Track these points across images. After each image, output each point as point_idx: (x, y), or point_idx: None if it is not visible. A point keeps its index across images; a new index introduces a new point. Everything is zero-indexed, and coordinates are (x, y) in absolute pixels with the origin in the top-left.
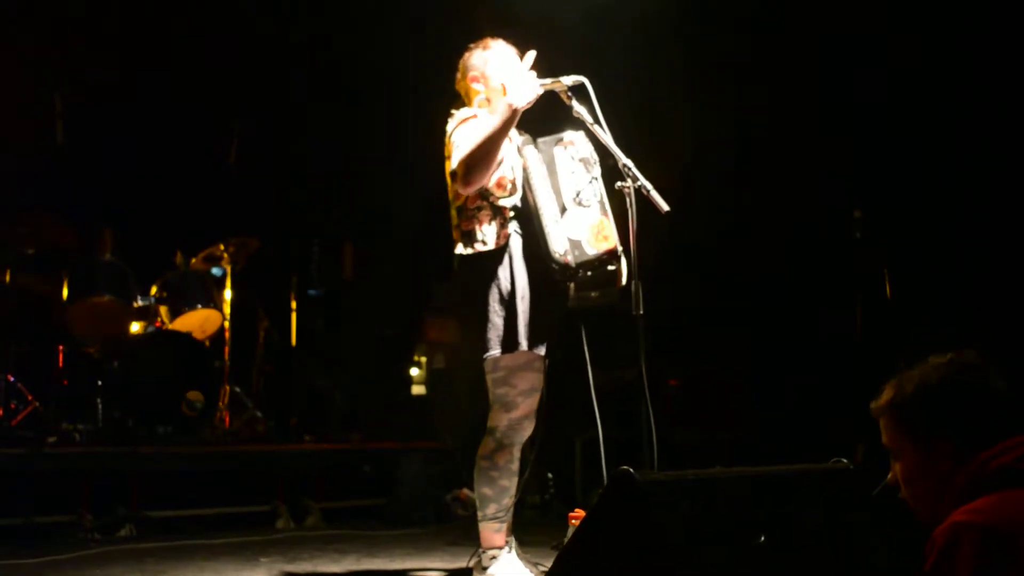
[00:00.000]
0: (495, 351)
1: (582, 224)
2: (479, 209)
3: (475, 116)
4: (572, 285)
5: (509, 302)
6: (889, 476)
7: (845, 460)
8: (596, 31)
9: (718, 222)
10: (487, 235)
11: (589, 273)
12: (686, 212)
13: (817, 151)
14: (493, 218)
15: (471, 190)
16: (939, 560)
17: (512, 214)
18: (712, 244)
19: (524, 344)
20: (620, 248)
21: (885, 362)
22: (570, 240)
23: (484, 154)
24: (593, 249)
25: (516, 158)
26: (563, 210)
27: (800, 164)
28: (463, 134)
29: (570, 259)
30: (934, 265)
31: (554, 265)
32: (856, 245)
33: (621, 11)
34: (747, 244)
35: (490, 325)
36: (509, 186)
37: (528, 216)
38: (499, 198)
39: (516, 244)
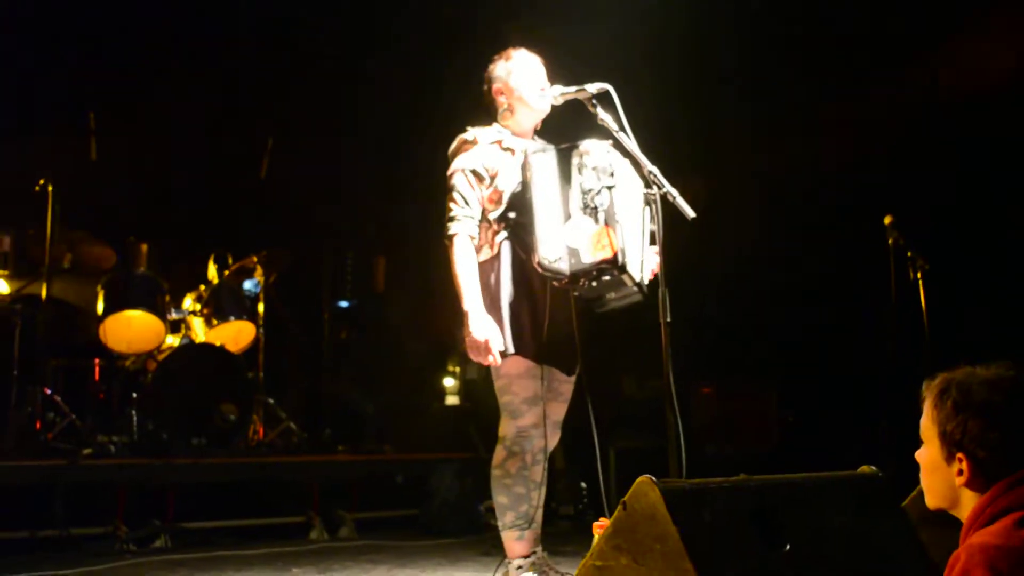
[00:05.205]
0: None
1: (584, 233)
2: None
3: (475, 141)
4: (574, 295)
5: (497, 311)
6: (918, 453)
7: (874, 468)
8: (621, 41)
9: (749, 236)
10: (481, 248)
11: (594, 284)
12: (714, 226)
13: (850, 159)
14: (485, 231)
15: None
16: None
17: (502, 225)
18: (740, 256)
19: (512, 349)
20: (622, 258)
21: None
22: (568, 248)
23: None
24: (590, 257)
25: (514, 172)
26: (567, 218)
27: (833, 176)
28: (461, 180)
29: (563, 267)
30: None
31: (542, 271)
32: (891, 252)
33: (643, 24)
34: (781, 259)
35: None
36: (496, 198)
37: (526, 226)
38: (489, 211)
39: (507, 253)
